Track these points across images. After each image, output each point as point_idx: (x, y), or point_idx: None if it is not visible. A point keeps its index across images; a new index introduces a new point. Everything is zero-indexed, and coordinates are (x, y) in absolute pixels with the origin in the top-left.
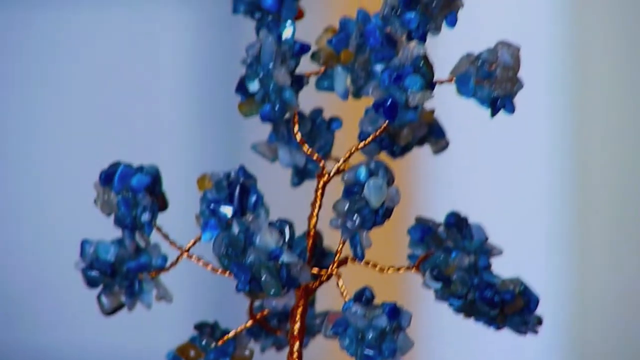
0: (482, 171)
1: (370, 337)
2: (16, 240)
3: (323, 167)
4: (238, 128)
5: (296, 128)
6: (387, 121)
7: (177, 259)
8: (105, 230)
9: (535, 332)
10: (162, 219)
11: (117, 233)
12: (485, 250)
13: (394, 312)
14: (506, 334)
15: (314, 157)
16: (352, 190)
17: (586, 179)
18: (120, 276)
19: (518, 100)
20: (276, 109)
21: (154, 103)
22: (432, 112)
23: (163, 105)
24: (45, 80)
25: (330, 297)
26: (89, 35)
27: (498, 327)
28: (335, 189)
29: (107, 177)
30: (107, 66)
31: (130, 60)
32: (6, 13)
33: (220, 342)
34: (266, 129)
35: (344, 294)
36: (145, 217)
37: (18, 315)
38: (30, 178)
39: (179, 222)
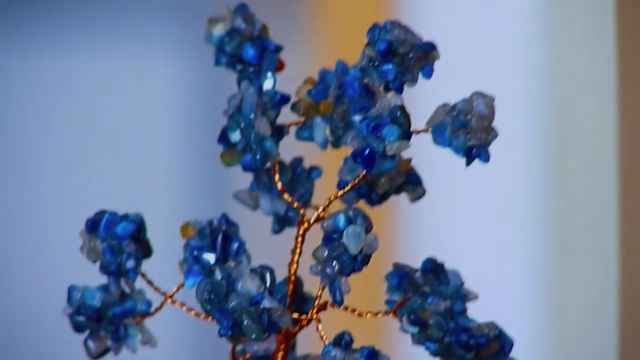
0: (460, 218)
1: None
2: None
3: (303, 215)
4: (222, 177)
5: (277, 177)
6: (365, 170)
7: (161, 304)
8: (90, 277)
9: None
10: (146, 265)
11: (103, 279)
12: (461, 295)
13: (372, 356)
14: None
15: (295, 205)
16: (332, 238)
17: (564, 224)
18: (106, 321)
19: (494, 147)
20: (257, 158)
21: (140, 152)
22: (409, 160)
23: (149, 154)
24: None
25: (311, 341)
26: (80, 83)
27: None
28: (315, 236)
29: (92, 225)
30: (95, 115)
31: (118, 110)
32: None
33: None
34: (249, 177)
35: (324, 338)
36: (130, 263)
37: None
38: (19, 223)
39: (163, 269)
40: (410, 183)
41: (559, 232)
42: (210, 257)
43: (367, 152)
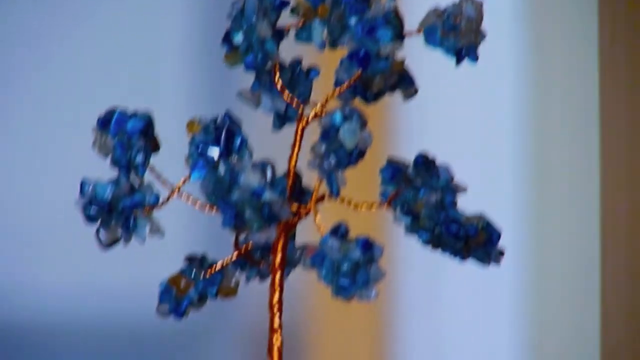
0: (449, 115)
1: (345, 268)
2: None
3: (302, 113)
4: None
5: (277, 77)
6: (360, 70)
7: (169, 196)
8: (102, 171)
9: (498, 263)
10: (154, 160)
11: (113, 174)
12: (451, 189)
13: (367, 246)
14: (471, 265)
15: (294, 104)
16: (329, 134)
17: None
18: (117, 213)
19: (482, 50)
20: (259, 58)
21: (149, 53)
22: (402, 61)
23: (157, 55)
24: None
25: (309, 232)
26: None
27: (463, 259)
28: (313, 132)
29: (104, 122)
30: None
31: (128, 13)
32: None
33: (208, 273)
34: (251, 77)
35: (321, 229)
36: (139, 158)
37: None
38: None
39: (170, 164)
40: (403, 82)
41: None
42: (214, 152)
43: (362, 52)
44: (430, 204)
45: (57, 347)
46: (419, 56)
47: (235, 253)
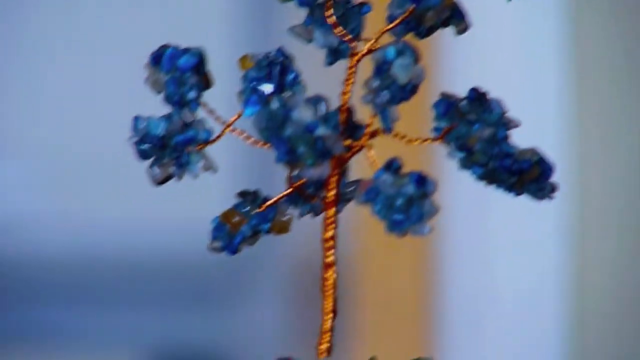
0: (500, 50)
1: (399, 203)
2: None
3: (354, 48)
4: (275, 14)
5: (329, 12)
6: (413, 5)
7: (222, 132)
8: (154, 108)
9: (551, 198)
10: (207, 96)
11: (166, 110)
12: (504, 123)
13: (421, 180)
14: (516, 203)
15: (346, 39)
16: (382, 69)
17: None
18: (170, 149)
19: None
20: None
21: None
22: None
23: None
24: None
25: (362, 168)
26: None
27: (517, 193)
28: (366, 68)
29: (156, 59)
30: None
31: None
32: None
33: (261, 209)
34: (300, 15)
35: (374, 164)
36: (192, 94)
37: (73, 186)
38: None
39: (222, 100)
40: (455, 17)
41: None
42: (267, 88)
43: None
44: (484, 139)
45: (111, 279)
46: None
47: (289, 188)
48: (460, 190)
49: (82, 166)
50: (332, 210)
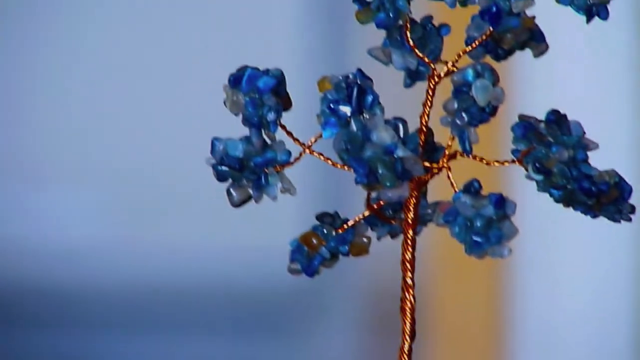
0: (578, 74)
1: (478, 225)
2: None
3: (433, 70)
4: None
5: (408, 34)
6: (491, 27)
7: (300, 154)
8: (233, 130)
9: (629, 219)
10: (286, 118)
11: (244, 132)
12: (583, 145)
13: (500, 202)
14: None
15: (425, 61)
16: (461, 90)
17: None
18: (248, 171)
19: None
20: (390, 16)
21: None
22: (533, 18)
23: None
24: None
25: (441, 189)
26: None
27: (594, 216)
28: (444, 89)
29: (235, 80)
30: None
31: None
32: None
33: (340, 231)
34: (377, 37)
35: (454, 185)
36: (271, 116)
37: (148, 208)
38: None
39: (301, 122)
40: (534, 39)
41: None
42: (346, 110)
43: (494, 9)
44: (563, 161)
45: (181, 308)
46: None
47: (367, 210)
48: (533, 214)
49: (152, 192)
50: (411, 232)
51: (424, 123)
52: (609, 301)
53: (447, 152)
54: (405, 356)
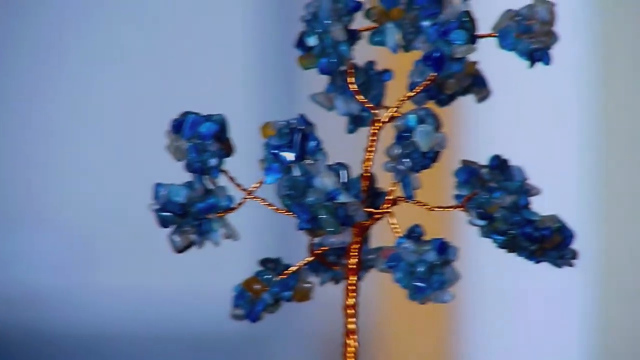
0: (521, 118)
1: (420, 270)
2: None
3: (376, 115)
4: (297, 80)
5: (351, 79)
6: (434, 72)
7: (243, 200)
8: (176, 175)
9: (571, 265)
10: (228, 163)
11: (187, 177)
12: (525, 190)
13: (443, 247)
14: (540, 267)
15: (368, 106)
16: (403, 136)
17: (614, 127)
18: (191, 216)
19: (555, 53)
20: (333, 61)
21: (221, 60)
22: (475, 63)
23: (230, 61)
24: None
25: (383, 235)
26: None
27: (537, 261)
28: (387, 135)
29: (177, 126)
30: (172, 22)
31: (195, 17)
32: None
33: (282, 276)
34: (320, 82)
35: (396, 231)
36: (213, 161)
37: (92, 256)
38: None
39: (243, 168)
40: (477, 85)
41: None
42: (289, 155)
43: (436, 55)
44: (505, 206)
45: (124, 352)
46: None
47: (310, 256)
48: (483, 256)
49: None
50: (354, 278)
51: (367, 169)
52: (560, 338)
53: (389, 198)
54: None
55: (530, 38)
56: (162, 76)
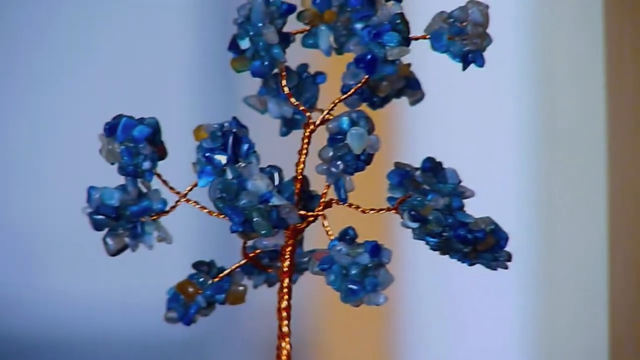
0: (455, 120)
1: (353, 273)
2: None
3: (309, 118)
4: (232, 83)
5: (284, 82)
6: (367, 75)
7: (176, 203)
8: (109, 178)
9: (505, 267)
10: (161, 167)
11: (121, 180)
12: (459, 193)
13: (376, 250)
14: (477, 269)
15: (301, 109)
16: (336, 139)
17: (553, 130)
18: (124, 220)
19: (488, 54)
20: (265, 64)
21: (155, 60)
22: (409, 66)
23: (164, 63)
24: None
25: (317, 237)
26: None
27: (471, 263)
28: (320, 137)
29: (111, 129)
30: (108, 24)
31: (131, 19)
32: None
33: (216, 279)
34: (257, 83)
35: (329, 233)
36: (146, 165)
37: (26, 260)
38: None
39: (177, 170)
40: (410, 87)
41: (548, 138)
42: (221, 158)
43: (369, 57)
44: (438, 209)
45: (63, 357)
46: (425, 60)
47: (244, 259)
48: (421, 255)
49: (35, 238)
50: (287, 281)
51: (300, 171)
52: (498, 340)
53: (322, 200)
54: None
55: (463, 40)
56: (96, 78)
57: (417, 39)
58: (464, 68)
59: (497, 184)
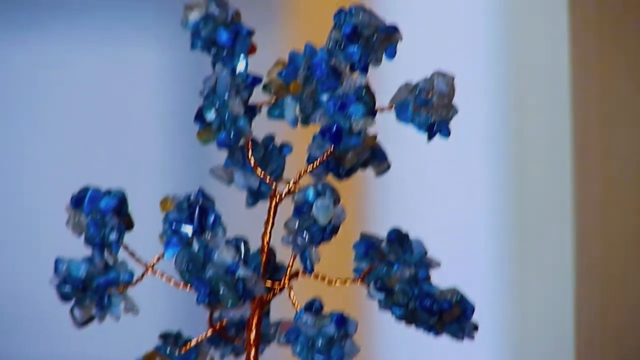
0: (423, 190)
1: (320, 344)
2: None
3: (275, 189)
4: (199, 154)
5: (250, 153)
6: (333, 146)
7: (143, 274)
8: (77, 249)
9: (472, 337)
10: (128, 238)
11: (88, 251)
12: (425, 263)
13: (342, 321)
14: (447, 339)
15: (267, 180)
16: (302, 210)
17: (525, 199)
18: (91, 291)
19: (455, 124)
20: (231, 136)
21: (122, 132)
22: (374, 137)
23: (131, 135)
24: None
25: (283, 308)
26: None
27: (437, 334)
28: (287, 208)
29: (77, 201)
30: (79, 96)
31: (101, 92)
32: None
33: (183, 350)
34: (224, 154)
35: (296, 304)
36: (113, 236)
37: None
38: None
39: (144, 241)
40: (376, 158)
41: (520, 205)
42: (188, 230)
43: (334, 128)
44: (404, 279)
45: None
46: (392, 131)
47: (210, 330)
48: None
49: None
50: (253, 352)
51: (266, 242)
52: None
53: (288, 271)
54: None
55: (428, 111)
56: (61, 148)
57: (382, 110)
58: (429, 139)
59: (467, 247)
